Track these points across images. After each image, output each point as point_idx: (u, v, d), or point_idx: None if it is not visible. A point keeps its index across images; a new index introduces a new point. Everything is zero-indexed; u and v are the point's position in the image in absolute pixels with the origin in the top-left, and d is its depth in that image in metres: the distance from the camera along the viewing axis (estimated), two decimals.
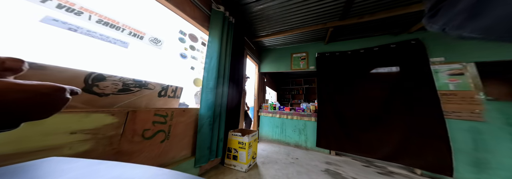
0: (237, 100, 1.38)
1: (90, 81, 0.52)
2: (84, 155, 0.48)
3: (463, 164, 1.08)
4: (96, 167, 0.13)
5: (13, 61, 0.13)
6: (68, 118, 0.45)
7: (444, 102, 1.22)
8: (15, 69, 0.13)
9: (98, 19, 0.63)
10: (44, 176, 0.11)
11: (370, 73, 1.57)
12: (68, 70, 0.48)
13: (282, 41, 2.07)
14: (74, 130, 0.46)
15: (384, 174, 1.15)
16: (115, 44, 0.69)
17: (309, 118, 1.78)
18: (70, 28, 0.55)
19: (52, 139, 0.42)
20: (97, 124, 0.51)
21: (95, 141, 0.50)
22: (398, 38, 1.53)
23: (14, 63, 0.13)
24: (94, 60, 0.67)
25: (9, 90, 0.12)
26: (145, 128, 0.66)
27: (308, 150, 1.68)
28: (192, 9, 1.03)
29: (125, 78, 0.61)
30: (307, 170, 1.15)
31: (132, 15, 0.77)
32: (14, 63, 0.13)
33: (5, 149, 0.36)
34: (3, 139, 0.35)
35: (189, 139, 0.91)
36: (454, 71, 1.25)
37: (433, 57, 1.34)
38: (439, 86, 1.27)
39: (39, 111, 0.14)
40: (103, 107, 0.56)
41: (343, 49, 1.80)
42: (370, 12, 1.32)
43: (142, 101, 0.67)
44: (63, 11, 0.54)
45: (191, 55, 1.14)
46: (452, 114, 1.17)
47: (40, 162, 0.14)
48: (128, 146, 0.59)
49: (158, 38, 0.91)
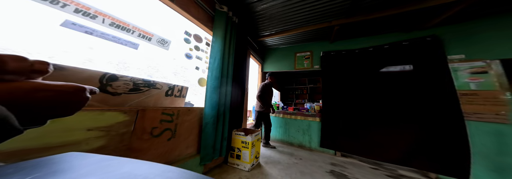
0: (240, 99, 1.39)
1: (104, 81, 0.55)
2: (99, 150, 0.51)
3: (482, 168, 1.01)
4: (109, 162, 0.14)
5: (40, 64, 0.14)
6: (85, 115, 0.48)
7: (464, 103, 1.14)
8: (42, 71, 0.15)
9: (111, 22, 0.66)
10: (64, 170, 0.12)
11: (380, 72, 1.50)
12: (85, 71, 0.51)
13: (286, 40, 2.05)
14: (90, 127, 0.49)
15: (394, 177, 1.11)
16: (126, 45, 0.72)
17: (313, 118, 1.76)
18: (86, 31, 0.59)
19: (71, 135, 0.45)
20: (111, 121, 0.54)
21: (108, 137, 0.53)
22: (411, 35, 1.45)
23: (42, 66, 0.14)
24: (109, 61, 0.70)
25: (39, 89, 0.13)
26: (153, 126, 0.68)
27: (312, 151, 1.66)
28: (197, 10, 1.05)
29: (136, 78, 0.64)
30: (311, 170, 1.14)
31: (140, 17, 0.80)
32: (41, 66, 0.14)
33: (32, 144, 0.39)
34: (31, 135, 0.39)
35: (194, 137, 0.94)
36: (476, 69, 1.15)
37: (452, 55, 1.25)
38: (459, 85, 1.18)
39: (64, 109, 0.15)
40: (116, 105, 0.59)
41: (350, 47, 1.74)
42: (380, 9, 1.26)
43: (150, 100, 0.70)
44: (80, 15, 0.58)
45: (196, 56, 1.16)
46: (473, 116, 1.09)
47: (61, 156, 0.15)
48: (138, 143, 0.62)
49: (165, 39, 0.94)
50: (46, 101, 0.14)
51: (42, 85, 0.14)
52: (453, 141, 1.09)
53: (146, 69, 1.03)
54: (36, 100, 0.13)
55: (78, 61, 0.70)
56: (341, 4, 1.24)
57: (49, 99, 0.14)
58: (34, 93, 0.13)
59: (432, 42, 1.32)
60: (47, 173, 0.11)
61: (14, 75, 0.13)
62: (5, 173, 0.11)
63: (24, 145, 0.38)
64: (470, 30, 1.24)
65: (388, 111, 1.38)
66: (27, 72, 0.13)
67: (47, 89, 0.14)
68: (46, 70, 0.15)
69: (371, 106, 1.48)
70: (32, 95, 0.13)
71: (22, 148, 0.38)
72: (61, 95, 0.14)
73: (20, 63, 0.13)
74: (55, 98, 0.14)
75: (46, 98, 0.13)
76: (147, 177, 0.12)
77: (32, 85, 0.13)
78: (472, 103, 1.11)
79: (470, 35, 1.23)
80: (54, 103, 0.14)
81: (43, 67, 0.14)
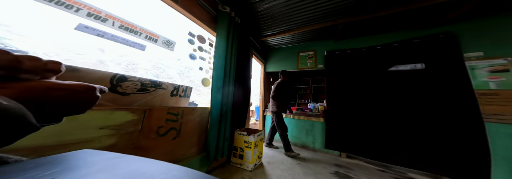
0: (243, 99, 1.39)
1: (114, 81, 0.57)
2: (110, 148, 0.54)
3: (505, 173, 0.94)
4: (119, 159, 0.14)
5: (53, 63, 0.15)
6: (97, 114, 0.51)
7: (483, 103, 1.06)
8: (56, 70, 0.15)
9: (120, 25, 0.69)
10: (78, 166, 0.12)
11: (388, 71, 1.43)
12: (97, 72, 0.54)
13: (289, 40, 2.03)
14: (102, 126, 0.52)
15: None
16: (134, 47, 0.75)
17: (317, 118, 1.72)
18: (98, 34, 0.62)
19: (85, 133, 0.48)
20: (120, 120, 0.57)
21: (118, 136, 0.56)
22: (422, 32, 1.37)
23: (55, 65, 0.15)
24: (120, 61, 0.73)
25: (54, 88, 0.14)
26: (159, 125, 0.70)
27: (316, 151, 1.63)
28: (200, 11, 1.07)
29: (143, 79, 0.66)
30: (314, 171, 1.12)
31: (147, 19, 0.83)
32: (54, 65, 0.15)
33: (50, 141, 0.42)
34: (49, 132, 0.41)
35: (198, 137, 0.95)
36: (496, 67, 1.07)
37: (469, 52, 1.16)
38: (477, 85, 1.10)
39: (77, 107, 0.16)
40: (125, 105, 0.61)
41: (355, 46, 1.68)
42: (387, 6, 1.20)
43: (157, 100, 0.72)
44: (92, 18, 0.61)
45: (199, 56, 1.19)
46: (492, 117, 1.01)
47: (76, 153, 0.15)
48: (145, 141, 0.64)
49: (170, 40, 0.96)
50: (61, 99, 0.14)
51: (57, 84, 0.14)
52: (470, 143, 1.02)
53: (152, 70, 1.06)
54: (51, 98, 0.14)
55: (90, 63, 0.73)
56: (346, 2, 1.20)
57: (64, 98, 0.14)
58: (50, 92, 0.14)
59: (446, 39, 1.24)
60: (63, 168, 0.12)
61: (30, 74, 0.13)
62: (27, 168, 0.11)
63: (43, 141, 0.40)
64: (489, 26, 1.15)
65: (397, 111, 1.32)
66: (42, 71, 0.14)
67: (61, 88, 0.14)
68: (59, 69, 0.15)
69: (378, 106, 1.42)
70: (48, 94, 0.14)
71: (42, 145, 0.40)
72: (74, 94, 0.15)
73: (35, 63, 0.13)
74: (69, 97, 0.15)
75: (60, 97, 0.14)
76: (153, 175, 0.12)
77: (48, 84, 0.14)
78: (492, 104, 1.03)
79: (489, 32, 1.14)
80: (68, 101, 0.15)
81: (56, 67, 0.15)
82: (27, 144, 0.38)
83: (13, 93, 0.12)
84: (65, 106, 0.15)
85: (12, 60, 0.12)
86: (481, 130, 1.01)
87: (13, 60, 0.12)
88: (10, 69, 0.12)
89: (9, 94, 0.12)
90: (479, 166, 0.98)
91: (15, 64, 0.12)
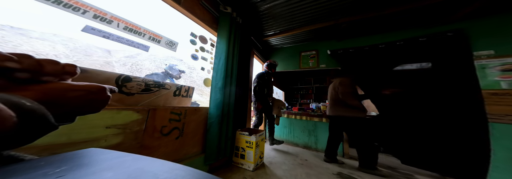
0: (244, 99, 1.39)
1: (120, 82, 0.59)
2: (116, 147, 0.55)
3: None
4: (124, 158, 0.15)
5: (70, 67, 0.16)
6: (104, 114, 0.52)
7: (493, 103, 1.01)
8: (72, 73, 0.16)
9: (125, 26, 0.71)
10: (86, 164, 0.13)
11: (393, 70, 1.40)
12: (104, 73, 0.56)
13: (290, 39, 2.01)
14: (109, 125, 0.53)
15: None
16: (138, 48, 0.76)
17: (319, 118, 1.70)
18: (104, 35, 0.64)
19: (93, 132, 0.50)
20: (126, 120, 0.58)
21: (124, 135, 0.57)
22: (429, 30, 1.32)
23: (71, 68, 0.16)
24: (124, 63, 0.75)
25: (70, 89, 0.15)
26: (163, 125, 0.72)
27: (318, 152, 1.61)
28: (202, 12, 1.07)
29: (147, 79, 0.68)
30: (317, 172, 1.10)
31: (150, 20, 0.85)
32: (71, 68, 0.16)
33: (61, 139, 0.44)
34: (59, 131, 0.43)
35: (200, 136, 0.96)
36: (508, 66, 1.02)
37: (479, 51, 1.12)
38: (488, 84, 1.05)
39: (91, 107, 0.17)
40: (130, 105, 0.63)
41: (358, 45, 1.65)
42: (392, 5, 1.16)
43: (160, 100, 0.74)
44: (98, 20, 0.63)
45: (201, 56, 1.20)
46: (505, 118, 0.96)
47: (83, 152, 0.16)
48: (149, 141, 0.66)
49: (172, 41, 0.98)
50: (76, 100, 0.15)
51: (72, 85, 0.15)
52: (472, 144, 1.00)
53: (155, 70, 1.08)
54: (68, 99, 0.14)
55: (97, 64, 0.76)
56: (348, 1, 1.17)
57: (79, 98, 0.15)
58: (66, 93, 0.14)
59: (454, 37, 1.19)
60: (72, 166, 0.12)
61: (50, 77, 0.14)
62: (38, 165, 0.12)
63: (54, 140, 0.42)
64: (500, 23, 1.09)
65: (401, 110, 1.29)
66: (60, 74, 0.15)
67: (76, 89, 0.15)
68: (74, 72, 0.16)
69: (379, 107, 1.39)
70: (65, 95, 0.14)
71: (53, 143, 0.42)
72: (88, 95, 0.16)
73: (55, 66, 0.14)
74: (83, 97, 0.16)
75: (76, 98, 0.15)
76: (157, 173, 0.12)
77: (65, 86, 0.15)
78: (504, 104, 0.98)
79: (500, 29, 1.08)
80: (83, 101, 0.16)
81: (72, 70, 0.16)
82: (40, 143, 0.40)
83: (35, 94, 0.13)
84: (80, 106, 0.16)
85: (35, 64, 0.13)
86: (485, 130, 0.97)
87: (36, 65, 0.13)
88: (34, 73, 0.13)
89: (31, 95, 0.12)
90: (478, 168, 0.95)
91: (38, 68, 0.13)
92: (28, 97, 0.12)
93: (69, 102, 0.15)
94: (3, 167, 0.11)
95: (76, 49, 3.39)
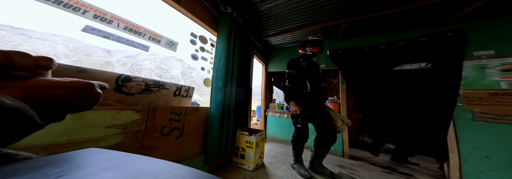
0: (244, 99, 1.39)
1: (119, 82, 0.59)
2: (116, 147, 0.55)
3: None
4: (124, 158, 0.15)
5: (44, 60, 0.14)
6: (104, 114, 0.52)
7: (494, 103, 1.02)
8: (47, 66, 0.15)
9: (125, 26, 0.71)
10: (86, 164, 0.13)
11: (393, 70, 1.41)
12: (104, 73, 0.56)
13: (290, 39, 2.01)
14: (109, 125, 0.53)
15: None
16: (138, 48, 0.76)
17: None
18: (104, 35, 0.64)
19: (93, 132, 0.50)
20: (126, 120, 0.58)
21: (124, 135, 0.57)
22: (429, 30, 1.32)
23: (46, 61, 0.14)
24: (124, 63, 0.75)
25: (55, 86, 0.14)
26: (163, 125, 0.72)
27: None
28: (202, 12, 1.07)
29: (147, 79, 0.68)
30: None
31: (150, 20, 0.85)
32: (45, 61, 0.14)
33: (61, 139, 0.43)
34: (60, 131, 0.43)
35: (200, 136, 0.96)
36: (509, 66, 1.03)
37: (479, 51, 1.13)
38: (487, 84, 1.06)
39: (80, 104, 0.16)
40: (130, 105, 0.63)
41: (359, 45, 1.65)
42: (393, 4, 1.16)
43: (160, 99, 0.74)
44: (98, 20, 0.63)
45: (201, 56, 1.20)
46: (505, 118, 0.97)
47: (83, 152, 0.16)
48: (149, 141, 0.66)
49: (173, 41, 0.98)
50: (63, 98, 0.14)
51: (57, 82, 0.14)
52: None
53: (156, 70, 1.08)
54: (53, 96, 0.13)
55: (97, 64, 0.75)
56: (348, 1, 1.17)
57: (66, 96, 0.14)
58: (51, 90, 0.13)
59: (454, 37, 1.20)
60: (72, 166, 0.12)
61: (22, 71, 0.13)
62: (38, 165, 0.12)
63: (54, 140, 0.42)
64: (501, 23, 1.10)
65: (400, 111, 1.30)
66: (33, 68, 0.13)
67: (62, 86, 0.14)
68: (50, 66, 0.15)
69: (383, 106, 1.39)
70: (50, 92, 0.13)
71: (53, 143, 0.42)
72: (75, 92, 0.15)
73: (25, 59, 0.13)
74: (71, 95, 0.15)
75: (63, 95, 0.14)
76: (157, 173, 0.12)
77: (48, 83, 0.14)
78: (505, 104, 0.99)
79: (500, 29, 1.09)
80: (71, 99, 0.15)
81: (47, 63, 0.15)
82: (39, 142, 0.40)
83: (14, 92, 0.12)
84: (67, 103, 0.15)
85: (1, 57, 0.11)
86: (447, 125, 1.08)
87: (2, 57, 0.11)
88: (0, 67, 0.11)
89: (12, 93, 0.11)
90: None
91: (5, 61, 0.11)
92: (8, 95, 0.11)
93: (56, 99, 0.14)
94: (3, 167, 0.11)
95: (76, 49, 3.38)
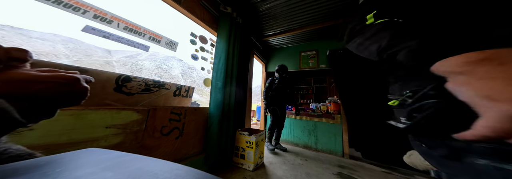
0: (244, 99, 1.39)
1: (119, 82, 0.59)
2: (116, 147, 0.55)
3: None
4: (124, 158, 0.15)
5: (17, 51, 0.13)
6: (104, 114, 0.52)
7: None
8: (21, 58, 0.14)
9: (125, 26, 0.71)
10: (86, 164, 0.13)
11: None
12: (104, 73, 0.56)
13: (290, 39, 2.01)
14: (109, 125, 0.53)
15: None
16: (138, 48, 0.76)
17: (319, 118, 1.70)
18: (104, 35, 0.64)
19: (93, 132, 0.50)
20: (126, 120, 0.58)
21: (124, 135, 0.57)
22: None
23: (19, 53, 0.13)
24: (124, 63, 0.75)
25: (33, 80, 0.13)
26: (163, 125, 0.72)
27: (318, 152, 1.61)
28: (202, 12, 1.08)
29: (147, 79, 0.68)
30: (317, 172, 1.11)
31: (150, 20, 0.85)
32: (19, 53, 0.13)
33: (61, 139, 0.44)
34: (60, 131, 0.43)
35: (200, 136, 0.97)
36: None
37: None
38: None
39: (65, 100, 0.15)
40: (130, 105, 0.63)
41: None
42: None
43: (160, 99, 0.74)
44: (98, 20, 0.63)
45: (201, 56, 1.20)
46: None
47: (83, 151, 0.16)
48: (149, 141, 0.66)
49: (173, 41, 0.98)
50: (43, 93, 0.13)
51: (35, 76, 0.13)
52: None
53: (156, 70, 1.08)
54: (33, 91, 0.12)
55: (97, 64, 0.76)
56: (349, 1, 1.18)
57: (47, 91, 0.13)
58: (29, 85, 0.12)
59: None
60: (72, 166, 0.12)
61: None
62: (40, 164, 0.12)
63: (54, 140, 0.42)
64: None
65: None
66: (4, 59, 0.12)
67: (40, 80, 0.13)
68: (24, 57, 0.14)
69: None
70: (27, 87, 0.12)
71: (53, 143, 0.42)
72: (57, 87, 0.14)
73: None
74: (53, 89, 0.13)
75: (43, 90, 0.13)
76: (157, 173, 0.12)
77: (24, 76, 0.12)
78: None
79: None
80: (53, 94, 0.13)
81: (21, 55, 0.13)
82: (39, 142, 0.40)
83: None
84: (50, 99, 0.14)
85: None
86: None
87: None
88: None
89: None
90: None
91: None
92: None
93: (35, 95, 0.12)
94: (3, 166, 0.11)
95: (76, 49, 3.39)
